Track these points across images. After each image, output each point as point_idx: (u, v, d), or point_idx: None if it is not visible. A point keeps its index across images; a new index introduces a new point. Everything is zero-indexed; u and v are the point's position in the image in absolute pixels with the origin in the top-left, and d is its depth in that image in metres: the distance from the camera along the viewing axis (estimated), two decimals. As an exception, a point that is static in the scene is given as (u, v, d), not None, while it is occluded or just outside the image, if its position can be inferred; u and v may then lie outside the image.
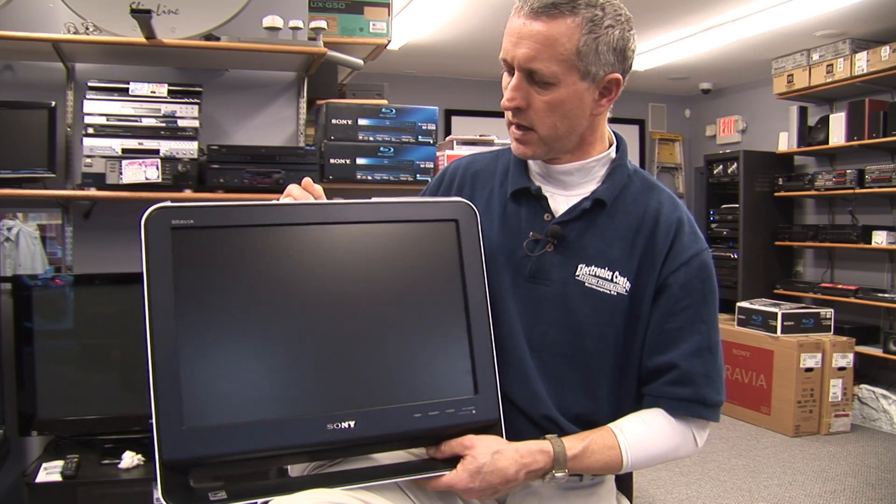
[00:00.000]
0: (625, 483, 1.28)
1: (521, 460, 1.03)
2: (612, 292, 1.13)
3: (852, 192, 4.43)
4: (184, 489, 0.94)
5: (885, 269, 4.62)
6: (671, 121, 6.77)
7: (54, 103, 2.23)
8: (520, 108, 1.10)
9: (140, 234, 0.96)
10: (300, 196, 1.12)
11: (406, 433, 1.03)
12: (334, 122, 2.42)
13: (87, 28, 2.21)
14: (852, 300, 4.43)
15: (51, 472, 2.02)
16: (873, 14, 4.05)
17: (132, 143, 2.20)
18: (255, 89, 2.57)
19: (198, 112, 2.27)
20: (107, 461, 2.08)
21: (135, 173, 2.16)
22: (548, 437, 1.08)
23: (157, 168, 2.18)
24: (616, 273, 1.13)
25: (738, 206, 5.12)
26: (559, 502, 1.14)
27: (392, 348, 1.05)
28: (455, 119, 6.09)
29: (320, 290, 1.04)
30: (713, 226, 5.40)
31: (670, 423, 1.12)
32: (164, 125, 2.23)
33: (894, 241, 4.26)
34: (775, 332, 4.12)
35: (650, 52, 5.01)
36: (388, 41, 2.73)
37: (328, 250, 1.07)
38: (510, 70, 1.10)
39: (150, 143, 2.22)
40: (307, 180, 1.14)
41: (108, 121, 2.20)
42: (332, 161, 2.41)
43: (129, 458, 2.07)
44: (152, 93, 2.24)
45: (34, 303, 2.12)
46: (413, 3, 4.08)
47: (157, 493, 0.93)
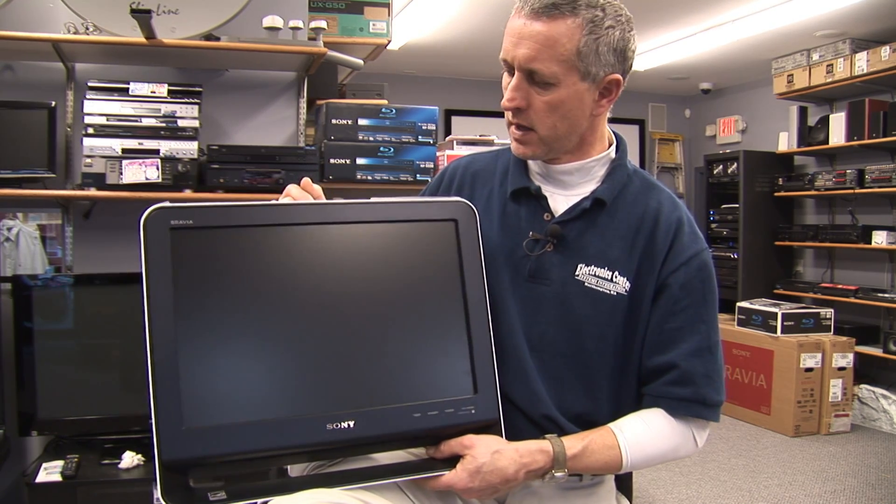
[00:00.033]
0: (624, 483, 1.27)
1: (520, 460, 1.03)
2: (612, 292, 1.13)
3: (852, 192, 4.43)
4: (183, 489, 0.94)
5: (885, 269, 4.61)
6: (671, 121, 6.76)
7: (54, 103, 2.23)
8: (520, 109, 1.10)
9: (139, 234, 0.96)
10: (299, 196, 1.12)
11: (405, 433, 1.03)
12: (334, 122, 2.42)
13: (87, 28, 2.21)
14: (852, 300, 4.43)
15: (51, 472, 2.02)
16: (873, 14, 4.05)
17: (132, 143, 2.20)
18: (255, 89, 2.58)
19: (198, 112, 2.27)
20: (107, 461, 2.08)
21: (135, 173, 2.16)
22: (547, 436, 1.07)
23: (157, 168, 2.18)
24: (616, 273, 1.13)
25: (738, 206, 5.12)
26: (559, 502, 1.13)
27: (391, 348, 1.04)
28: (455, 119, 6.09)
29: (319, 290, 1.04)
30: (713, 226, 5.39)
31: (670, 423, 1.12)
32: (164, 125, 2.23)
33: (894, 241, 4.26)
34: (775, 332, 4.12)
35: (650, 52, 5.01)
36: (388, 41, 2.73)
37: (327, 250, 1.06)
38: (510, 70, 1.10)
39: (150, 143, 2.22)
40: (306, 180, 1.14)
41: (108, 121, 2.20)
42: (332, 161, 2.41)
43: (129, 458, 2.07)
44: (152, 93, 2.24)
45: (34, 303, 2.12)
46: (413, 3, 4.08)
47: (157, 494, 0.93)
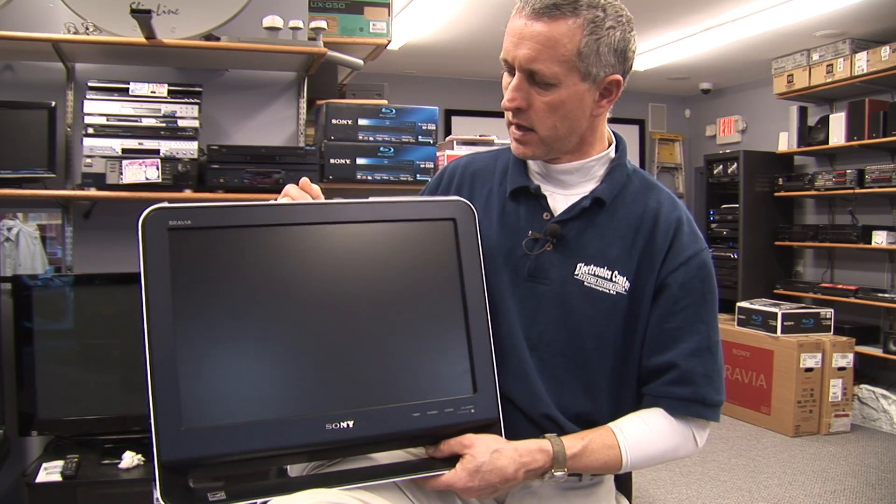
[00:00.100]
0: (624, 483, 1.27)
1: (520, 459, 1.03)
2: (612, 291, 1.13)
3: (852, 192, 4.43)
4: (183, 490, 0.94)
5: (885, 269, 4.61)
6: (671, 121, 6.76)
7: (54, 103, 2.23)
8: (520, 109, 1.10)
9: (137, 235, 0.96)
10: (298, 196, 1.12)
11: (405, 433, 1.03)
12: (334, 122, 2.42)
13: (87, 28, 2.21)
14: (852, 300, 4.43)
15: (51, 472, 2.02)
16: (873, 14, 4.05)
17: (132, 143, 2.20)
18: (255, 89, 2.57)
19: (198, 112, 2.27)
20: (107, 461, 2.08)
21: (135, 173, 2.16)
22: (547, 436, 1.07)
23: (158, 168, 2.18)
24: (615, 272, 1.13)
25: (738, 206, 5.12)
26: (558, 502, 1.13)
27: (391, 348, 1.04)
28: (455, 119, 6.09)
29: (318, 290, 1.04)
30: (713, 226, 5.39)
31: (670, 422, 1.12)
32: (164, 125, 2.23)
33: (894, 241, 4.26)
34: (775, 332, 4.12)
35: (650, 52, 5.01)
36: (388, 41, 2.73)
37: (326, 250, 1.06)
38: (511, 70, 1.10)
39: (150, 143, 2.22)
40: (305, 180, 1.14)
41: (108, 121, 2.20)
42: (332, 161, 2.41)
43: (129, 458, 2.07)
44: (152, 93, 2.24)
45: (34, 303, 2.12)
46: (413, 3, 4.08)
47: (157, 494, 0.93)
